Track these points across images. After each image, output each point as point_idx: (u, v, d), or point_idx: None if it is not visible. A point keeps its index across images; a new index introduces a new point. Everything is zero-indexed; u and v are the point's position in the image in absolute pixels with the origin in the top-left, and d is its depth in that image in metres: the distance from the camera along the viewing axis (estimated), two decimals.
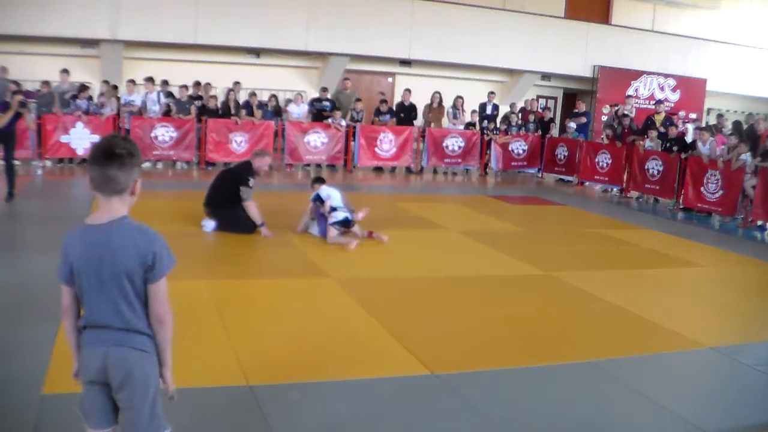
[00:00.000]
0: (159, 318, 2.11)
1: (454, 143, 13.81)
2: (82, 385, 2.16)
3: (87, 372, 2.12)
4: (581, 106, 15.45)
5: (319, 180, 7.43)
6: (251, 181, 7.01)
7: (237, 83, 13.18)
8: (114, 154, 2.01)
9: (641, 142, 12.19)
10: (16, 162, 11.32)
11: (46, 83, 12.09)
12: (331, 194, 7.10)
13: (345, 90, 14.22)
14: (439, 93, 14.29)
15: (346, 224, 6.98)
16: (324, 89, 14.21)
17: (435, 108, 14.20)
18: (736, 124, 13.04)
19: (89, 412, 2.16)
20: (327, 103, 13.64)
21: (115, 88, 13.16)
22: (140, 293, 2.09)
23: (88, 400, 2.15)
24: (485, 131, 14.08)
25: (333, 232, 6.86)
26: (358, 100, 13.71)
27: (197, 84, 13.15)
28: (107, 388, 2.12)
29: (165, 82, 13.06)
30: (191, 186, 10.51)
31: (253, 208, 6.93)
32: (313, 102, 13.59)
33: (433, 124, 14.09)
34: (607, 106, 17.01)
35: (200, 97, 12.86)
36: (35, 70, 13.03)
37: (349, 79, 14.75)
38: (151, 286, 2.08)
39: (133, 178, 2.07)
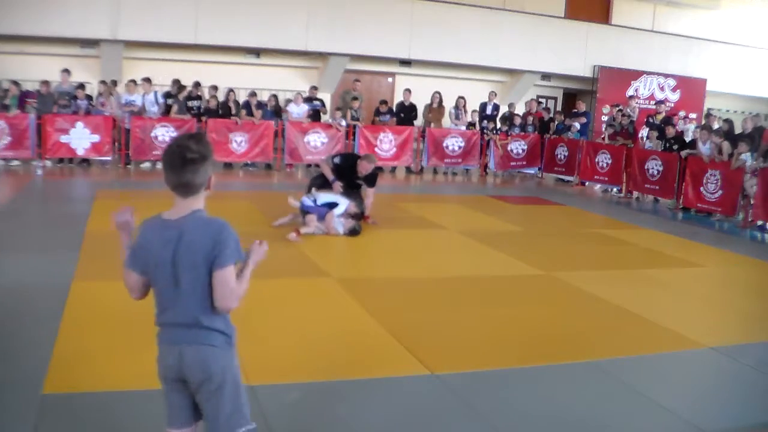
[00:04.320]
0: (220, 309, 2.11)
1: (454, 143, 13.81)
2: (162, 384, 2.18)
3: (164, 370, 2.14)
4: (581, 106, 15.45)
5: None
6: (336, 159, 7.99)
7: (231, 91, 13.11)
8: (187, 160, 2.03)
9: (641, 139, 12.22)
10: (16, 162, 11.36)
11: (46, 83, 12.09)
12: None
13: (354, 91, 14.18)
14: (439, 93, 14.28)
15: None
16: (314, 87, 14.21)
17: (435, 108, 14.19)
18: (729, 124, 13.09)
19: (170, 411, 2.18)
20: (317, 102, 13.63)
21: (114, 83, 13.08)
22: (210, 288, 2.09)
23: (169, 399, 2.17)
24: (485, 131, 14.08)
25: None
26: (355, 98, 13.67)
27: (197, 84, 13.13)
28: (185, 385, 2.14)
29: (176, 81, 12.97)
30: None
31: (324, 168, 7.87)
32: (304, 101, 13.57)
33: (433, 124, 14.09)
34: (607, 106, 17.02)
35: (199, 97, 12.83)
36: (35, 70, 13.03)
37: (359, 81, 14.71)
38: (216, 272, 2.05)
39: (207, 176, 2.10)
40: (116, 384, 3.37)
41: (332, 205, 7.27)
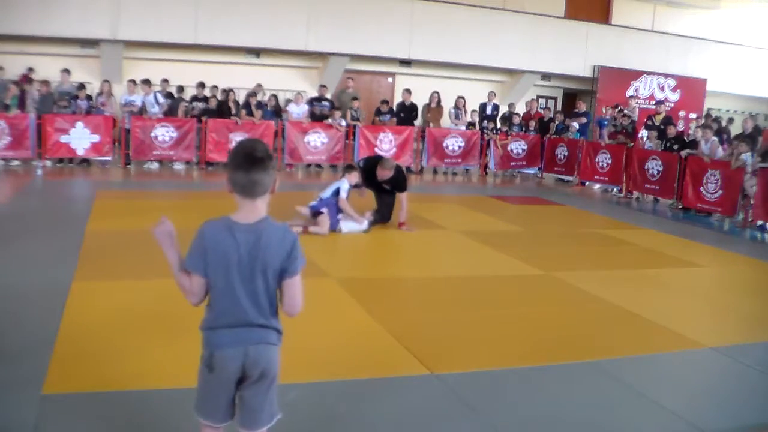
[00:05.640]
0: (289, 314, 2.25)
1: (454, 143, 13.81)
2: (211, 385, 2.20)
3: (224, 372, 2.16)
4: (582, 106, 15.45)
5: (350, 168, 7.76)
6: (361, 162, 8.17)
7: (231, 91, 13.11)
8: (257, 159, 2.11)
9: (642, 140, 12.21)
10: (16, 162, 11.37)
11: (45, 83, 12.09)
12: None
13: (347, 89, 14.18)
14: (438, 93, 14.27)
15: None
16: (323, 86, 14.19)
17: (433, 108, 14.19)
18: (719, 123, 13.13)
19: (215, 410, 2.22)
20: (326, 103, 13.63)
21: (106, 81, 13.02)
22: (275, 290, 2.21)
23: (216, 398, 2.20)
24: (485, 131, 14.08)
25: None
26: (355, 98, 13.67)
27: (201, 85, 13.10)
28: (238, 383, 2.20)
29: (165, 81, 13.03)
30: (191, 186, 10.51)
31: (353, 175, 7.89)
32: (312, 101, 13.57)
33: (431, 124, 14.08)
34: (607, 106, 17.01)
35: (206, 98, 12.79)
36: (35, 69, 13.03)
37: (353, 79, 14.71)
38: (289, 280, 2.18)
39: (273, 178, 2.18)
40: (116, 384, 3.37)
41: (337, 192, 7.28)
